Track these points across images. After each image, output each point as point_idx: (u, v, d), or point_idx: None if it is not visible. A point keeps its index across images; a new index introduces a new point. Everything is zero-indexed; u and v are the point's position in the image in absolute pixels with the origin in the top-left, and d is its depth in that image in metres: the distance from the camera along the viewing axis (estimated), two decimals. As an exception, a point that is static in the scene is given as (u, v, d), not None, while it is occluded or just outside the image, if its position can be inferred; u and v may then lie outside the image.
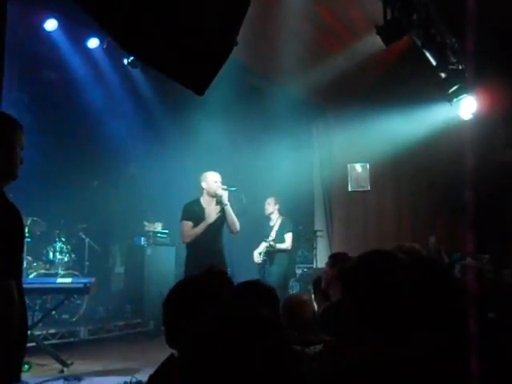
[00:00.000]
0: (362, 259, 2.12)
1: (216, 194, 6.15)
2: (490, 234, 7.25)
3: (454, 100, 7.89)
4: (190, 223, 6.10)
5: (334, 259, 3.84)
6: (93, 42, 8.54)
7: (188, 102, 8.18)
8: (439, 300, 2.23)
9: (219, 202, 6.17)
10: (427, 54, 7.18)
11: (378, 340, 1.88)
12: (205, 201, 6.23)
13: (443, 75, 7.64)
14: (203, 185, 6.25)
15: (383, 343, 1.86)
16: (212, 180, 6.22)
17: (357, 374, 1.83)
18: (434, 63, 7.37)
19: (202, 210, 6.18)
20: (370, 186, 10.54)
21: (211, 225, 6.10)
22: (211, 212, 6.15)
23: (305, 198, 10.99)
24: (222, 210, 6.14)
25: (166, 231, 9.42)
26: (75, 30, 8.15)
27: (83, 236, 8.80)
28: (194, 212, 6.15)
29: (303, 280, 9.72)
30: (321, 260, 9.96)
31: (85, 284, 6.70)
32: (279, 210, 8.16)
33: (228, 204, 6.13)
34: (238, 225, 6.22)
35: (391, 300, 1.91)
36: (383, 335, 1.88)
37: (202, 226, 6.05)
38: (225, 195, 6.12)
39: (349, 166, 10.66)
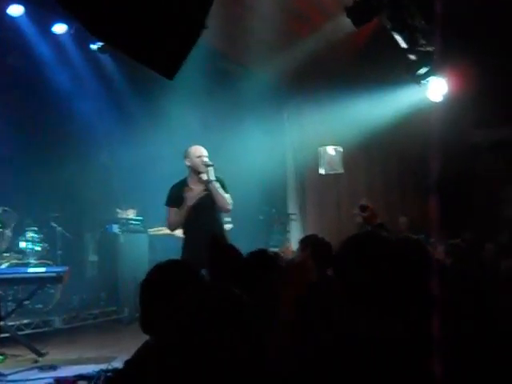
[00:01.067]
0: (354, 243, 2.13)
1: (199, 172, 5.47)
2: (460, 213, 7.38)
3: (424, 82, 7.96)
4: (174, 209, 5.41)
5: (305, 242, 3.88)
6: (60, 28, 8.35)
7: (159, 87, 8.11)
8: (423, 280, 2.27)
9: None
10: (396, 36, 7.22)
11: (369, 318, 1.91)
12: (192, 180, 5.53)
13: (412, 57, 7.69)
14: (187, 162, 5.54)
15: (374, 320, 1.90)
16: (195, 155, 5.50)
17: (348, 351, 1.86)
18: (403, 45, 7.40)
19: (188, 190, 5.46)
20: (343, 169, 10.60)
21: (200, 207, 5.37)
22: (194, 192, 5.40)
23: (278, 182, 11.01)
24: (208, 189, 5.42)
25: (140, 218, 9.37)
26: (41, 15, 7.96)
27: (55, 225, 8.69)
28: (178, 195, 5.42)
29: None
30: (295, 243, 9.99)
31: (58, 273, 6.64)
32: None
33: (212, 181, 5.42)
34: (228, 202, 5.52)
35: (383, 282, 1.94)
36: (374, 313, 1.91)
37: (182, 212, 5.37)
38: (209, 171, 5.44)
39: (321, 149, 10.69)
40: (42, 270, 6.95)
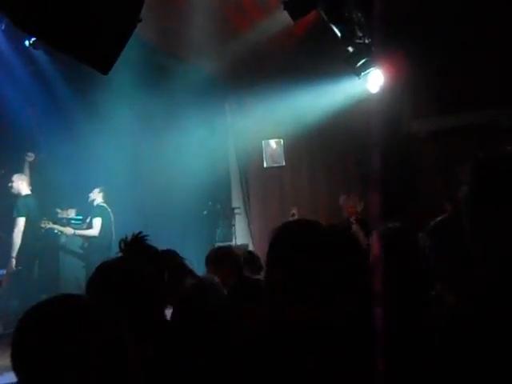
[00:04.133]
0: (287, 231, 2.13)
1: None
2: (399, 203, 7.54)
3: (362, 74, 8.07)
4: None
5: None
6: (-11, 24, 8.02)
7: (97, 84, 7.93)
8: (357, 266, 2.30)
9: None
10: (334, 29, 7.29)
11: (302, 303, 1.92)
12: None
13: (351, 49, 7.79)
14: None
15: (307, 307, 1.90)
16: None
17: (280, 337, 1.86)
18: (341, 37, 7.49)
19: None
20: (285, 162, 10.66)
21: None
22: None
23: (221, 176, 10.98)
24: None
25: (80, 217, 9.18)
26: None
27: (-9, 227, 8.41)
28: None
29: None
30: (240, 237, 10.04)
31: (-4, 277, 6.44)
32: (103, 198, 8.58)
33: None
34: None
35: (317, 266, 1.94)
36: (307, 299, 1.92)
37: None
38: None
39: (263, 142, 10.73)
40: (-21, 274, 6.73)
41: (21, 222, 7.77)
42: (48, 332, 1.14)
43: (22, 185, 8.02)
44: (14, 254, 7.64)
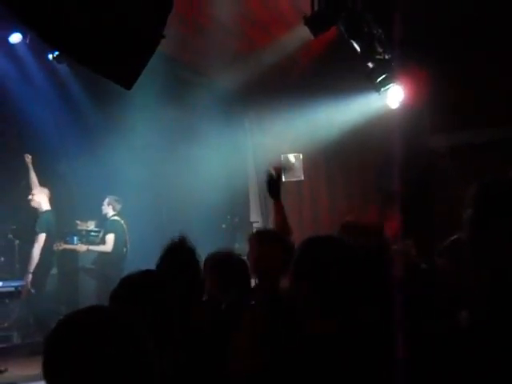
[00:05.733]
0: (311, 246, 2.14)
1: None
2: (418, 219, 7.49)
3: (382, 89, 8.07)
4: None
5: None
6: (15, 37, 8.17)
7: (118, 97, 8.01)
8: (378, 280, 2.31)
9: None
10: (354, 45, 7.31)
11: (325, 317, 1.93)
12: None
13: (371, 65, 7.79)
14: None
15: (327, 320, 1.91)
16: None
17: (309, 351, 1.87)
18: (361, 53, 7.50)
19: None
20: (304, 176, 10.65)
21: None
22: None
23: (240, 190, 11.00)
24: None
25: (98, 230, 9.24)
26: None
27: (12, 237, 8.50)
28: None
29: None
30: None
31: (16, 287, 6.51)
32: (115, 209, 8.51)
33: None
34: None
35: (340, 281, 1.95)
36: (330, 312, 1.93)
37: None
38: None
39: (282, 156, 10.73)
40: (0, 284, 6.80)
41: (42, 237, 7.81)
42: (80, 342, 1.17)
43: (43, 199, 8.04)
44: (32, 268, 7.58)
